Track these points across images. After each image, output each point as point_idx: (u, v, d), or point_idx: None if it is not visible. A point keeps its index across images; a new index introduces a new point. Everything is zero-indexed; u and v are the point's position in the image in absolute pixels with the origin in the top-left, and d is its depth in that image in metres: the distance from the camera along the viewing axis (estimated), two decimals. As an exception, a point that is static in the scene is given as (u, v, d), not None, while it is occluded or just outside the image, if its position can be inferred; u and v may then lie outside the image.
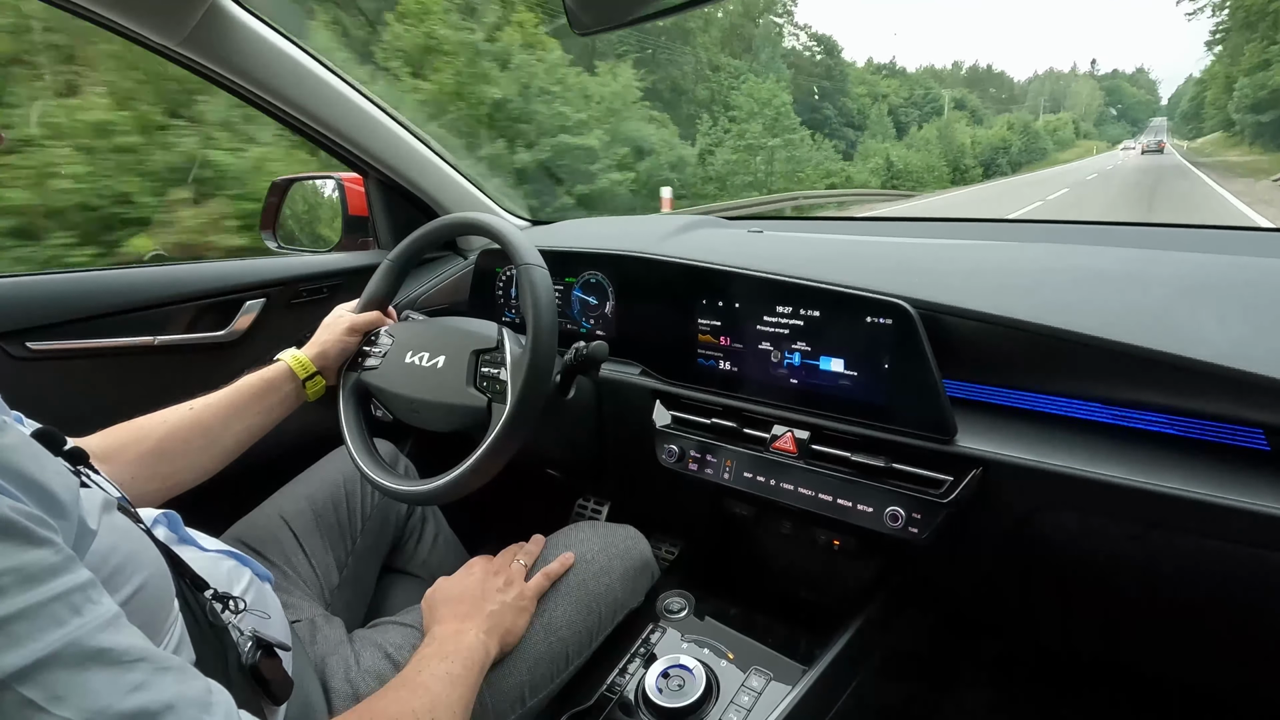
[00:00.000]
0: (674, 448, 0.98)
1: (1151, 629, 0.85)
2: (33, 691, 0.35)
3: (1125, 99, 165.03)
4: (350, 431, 0.95)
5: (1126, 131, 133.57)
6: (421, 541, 1.12)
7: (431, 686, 0.66)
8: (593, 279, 1.15)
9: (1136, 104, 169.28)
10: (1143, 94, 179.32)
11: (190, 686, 0.42)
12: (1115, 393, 0.73)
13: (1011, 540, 0.81)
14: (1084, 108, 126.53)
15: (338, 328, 0.99)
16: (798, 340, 0.88)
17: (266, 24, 1.11)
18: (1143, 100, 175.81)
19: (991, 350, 0.79)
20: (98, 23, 0.99)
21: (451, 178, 1.45)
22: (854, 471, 0.83)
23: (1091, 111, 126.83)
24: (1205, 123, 75.17)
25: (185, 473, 0.82)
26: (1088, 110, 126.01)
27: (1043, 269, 0.85)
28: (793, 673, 0.84)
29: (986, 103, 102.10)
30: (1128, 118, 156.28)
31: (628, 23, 0.76)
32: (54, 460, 0.51)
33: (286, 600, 0.81)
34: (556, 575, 0.88)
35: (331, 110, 1.23)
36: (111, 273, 1.14)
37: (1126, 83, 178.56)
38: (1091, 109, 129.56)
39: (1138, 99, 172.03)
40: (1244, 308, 0.70)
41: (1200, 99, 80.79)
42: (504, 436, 0.82)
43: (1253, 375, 0.62)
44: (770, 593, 1.01)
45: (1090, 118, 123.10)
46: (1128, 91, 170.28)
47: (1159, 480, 0.66)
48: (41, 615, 0.37)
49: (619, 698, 0.85)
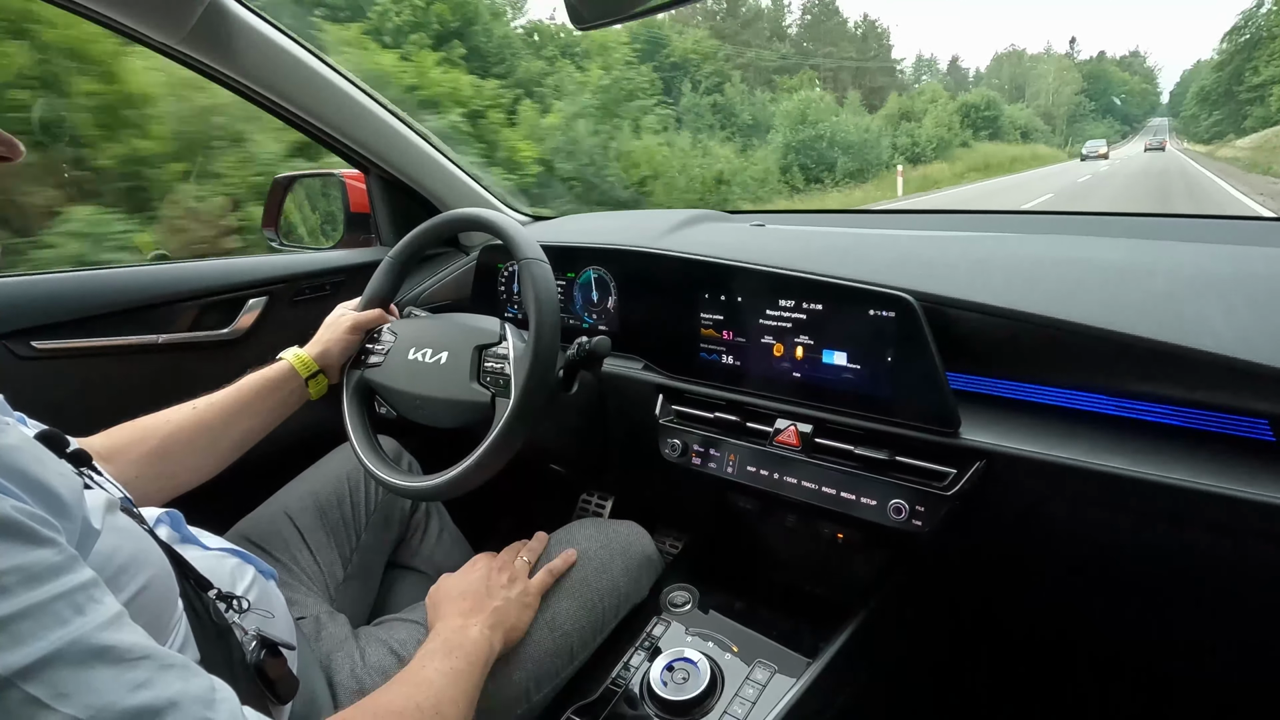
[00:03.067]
0: (677, 442, 0.98)
1: (1156, 621, 0.85)
2: (37, 689, 0.35)
3: (1113, 87, 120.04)
4: (354, 428, 0.96)
5: (1114, 131, 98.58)
6: (426, 537, 1.12)
7: (436, 682, 0.66)
8: (595, 274, 1.15)
9: (1125, 94, 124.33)
10: (1137, 81, 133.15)
11: (194, 684, 0.42)
12: (1119, 384, 0.73)
13: (1015, 532, 0.81)
14: (1049, 97, 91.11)
15: (340, 326, 0.99)
16: (800, 334, 0.88)
17: (267, 21, 1.11)
18: (1136, 90, 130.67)
19: (995, 342, 0.79)
20: (99, 21, 0.99)
21: (453, 174, 1.45)
22: (857, 465, 0.83)
23: (1060, 103, 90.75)
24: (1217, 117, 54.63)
25: (189, 472, 0.83)
26: (1052, 102, 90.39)
27: (1046, 260, 0.85)
28: (797, 665, 0.85)
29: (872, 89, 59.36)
30: (1117, 113, 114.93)
31: (627, 17, 0.76)
32: (57, 461, 0.51)
33: (291, 597, 0.81)
34: (560, 571, 0.88)
35: (333, 107, 1.23)
36: (115, 271, 1.15)
37: (1115, 68, 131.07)
38: (1060, 100, 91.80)
39: (1128, 88, 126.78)
40: (1249, 298, 0.70)
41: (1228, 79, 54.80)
42: (507, 432, 0.82)
43: (1258, 365, 0.61)
44: (774, 586, 1.01)
45: (1059, 112, 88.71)
46: (1115, 78, 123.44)
47: (1164, 472, 0.66)
48: (45, 614, 0.37)
49: (624, 691, 0.85)
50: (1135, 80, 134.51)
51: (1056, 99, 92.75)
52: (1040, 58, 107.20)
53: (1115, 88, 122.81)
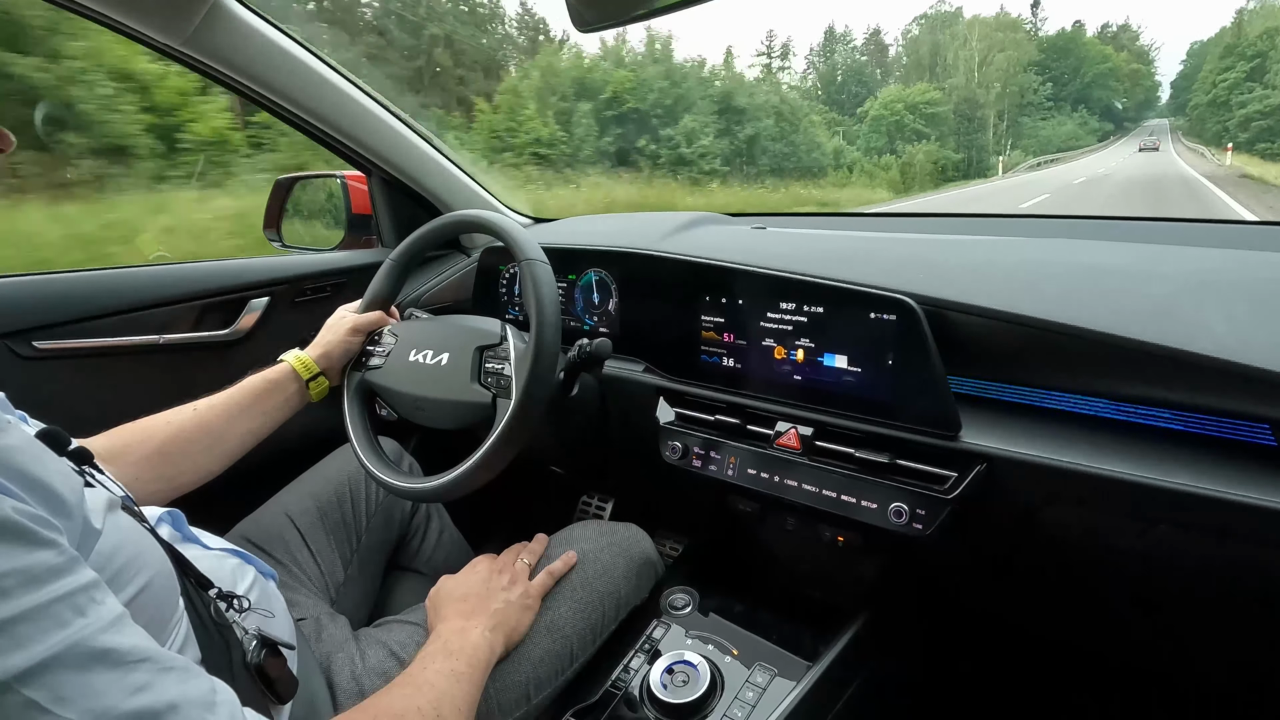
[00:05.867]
0: (678, 444, 0.98)
1: (1157, 625, 0.85)
2: (36, 693, 0.35)
3: (1088, 66, 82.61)
4: (355, 430, 0.96)
5: (1087, 131, 68.39)
6: (426, 539, 1.12)
7: (437, 684, 0.66)
8: (596, 276, 1.15)
9: (1104, 75, 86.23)
10: (1124, 59, 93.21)
11: (194, 686, 0.42)
12: (1120, 388, 0.73)
13: (1016, 536, 0.80)
14: (970, 75, 58.93)
15: (341, 328, 0.99)
16: (801, 336, 0.88)
17: (270, 22, 1.11)
18: (1123, 71, 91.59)
19: (996, 346, 0.79)
20: (102, 22, 0.99)
21: (455, 175, 1.45)
22: (858, 468, 0.83)
23: (990, 82, 59.80)
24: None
25: (189, 473, 0.83)
26: (978, 81, 59.03)
27: (1047, 264, 0.85)
28: (797, 669, 0.84)
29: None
30: (1094, 104, 79.25)
31: (630, 19, 0.76)
32: (58, 460, 0.51)
33: (291, 598, 0.81)
34: (560, 574, 0.88)
35: (335, 108, 1.23)
36: (116, 272, 1.15)
37: (1095, 43, 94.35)
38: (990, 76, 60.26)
39: (1110, 64, 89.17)
40: (1250, 302, 0.70)
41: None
42: (508, 433, 0.82)
43: (1259, 370, 0.61)
44: (774, 589, 1.01)
45: (987, 100, 58.53)
46: (1093, 54, 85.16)
47: (1165, 476, 0.65)
48: (45, 616, 0.37)
49: (623, 694, 0.85)
50: (1122, 58, 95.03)
51: (985, 75, 59.80)
52: (974, 21, 70.30)
53: (1091, 67, 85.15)
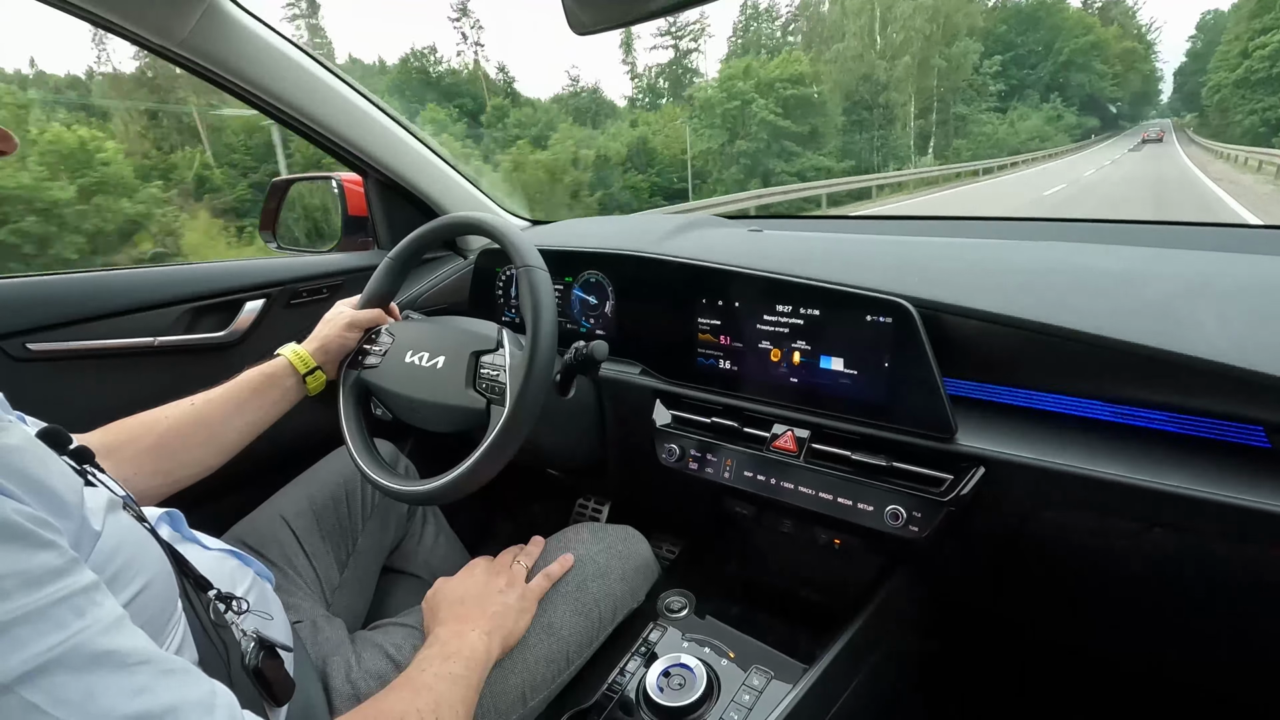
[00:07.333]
0: (674, 447, 0.98)
1: (1153, 626, 0.85)
2: (36, 695, 0.35)
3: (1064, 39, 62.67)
4: (350, 431, 0.95)
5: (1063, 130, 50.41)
6: (422, 542, 1.12)
7: (434, 686, 0.66)
8: (592, 279, 1.15)
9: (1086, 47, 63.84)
10: (1112, 33, 70.17)
11: (193, 689, 0.42)
12: (1116, 391, 0.73)
13: (1012, 538, 0.81)
14: (861, 44, 39.52)
15: (338, 323, 0.99)
16: (798, 339, 0.88)
17: (265, 25, 1.11)
18: (1112, 49, 69.04)
19: (992, 349, 0.79)
20: (96, 24, 0.99)
21: (451, 178, 1.45)
22: (854, 470, 0.83)
23: (895, 55, 39.11)
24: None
25: (187, 468, 0.82)
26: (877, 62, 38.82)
27: (1043, 267, 0.85)
28: (794, 671, 0.84)
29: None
30: (1073, 93, 60.52)
31: (627, 22, 0.76)
32: (58, 460, 0.51)
33: (288, 601, 0.81)
34: (557, 576, 0.88)
35: (331, 110, 1.23)
36: (111, 273, 1.14)
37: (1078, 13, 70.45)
38: (896, 47, 38.89)
39: (1093, 38, 65.60)
40: (1245, 305, 0.70)
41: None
42: (503, 438, 0.82)
43: (1252, 372, 0.62)
44: (771, 591, 1.01)
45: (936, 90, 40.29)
46: (1071, 25, 65.17)
47: (1160, 478, 0.66)
48: (44, 619, 0.37)
49: (620, 697, 0.85)
50: (1112, 32, 70.95)
51: (890, 42, 40.18)
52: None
53: (1069, 41, 63.87)
